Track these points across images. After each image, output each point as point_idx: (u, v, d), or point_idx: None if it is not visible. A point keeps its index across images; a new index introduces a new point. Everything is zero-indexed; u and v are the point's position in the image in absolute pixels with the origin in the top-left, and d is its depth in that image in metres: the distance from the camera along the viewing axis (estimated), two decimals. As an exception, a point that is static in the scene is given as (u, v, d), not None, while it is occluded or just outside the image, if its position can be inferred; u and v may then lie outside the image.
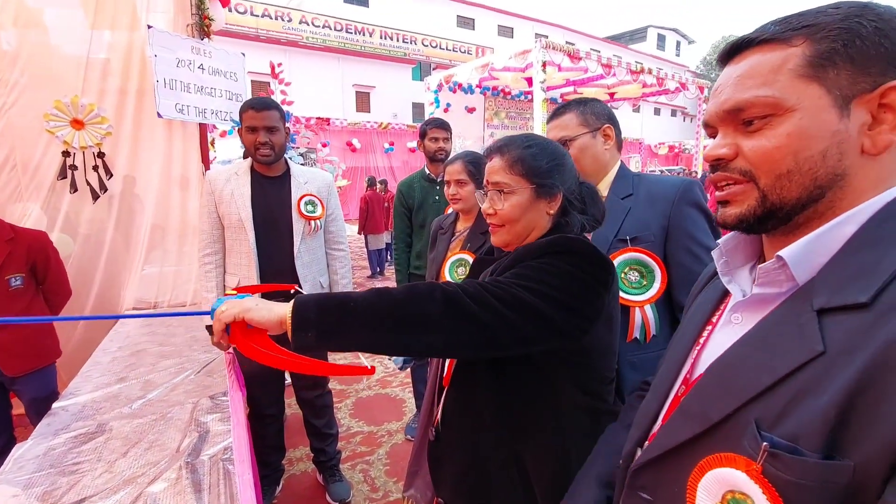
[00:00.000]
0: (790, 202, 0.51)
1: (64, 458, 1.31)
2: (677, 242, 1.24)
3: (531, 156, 0.92)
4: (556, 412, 0.89)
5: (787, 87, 0.49)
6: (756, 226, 0.54)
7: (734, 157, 0.54)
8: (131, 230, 2.82)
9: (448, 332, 0.72)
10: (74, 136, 2.50)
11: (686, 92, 14.56)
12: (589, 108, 1.33)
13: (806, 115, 0.49)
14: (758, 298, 0.54)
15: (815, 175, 0.49)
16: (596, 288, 0.81)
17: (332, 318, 0.71)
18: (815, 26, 0.49)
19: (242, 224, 1.85)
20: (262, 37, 16.74)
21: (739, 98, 0.52)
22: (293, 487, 2.23)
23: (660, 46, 34.89)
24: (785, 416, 0.44)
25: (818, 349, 0.44)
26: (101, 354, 2.11)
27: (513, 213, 0.91)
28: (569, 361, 0.87)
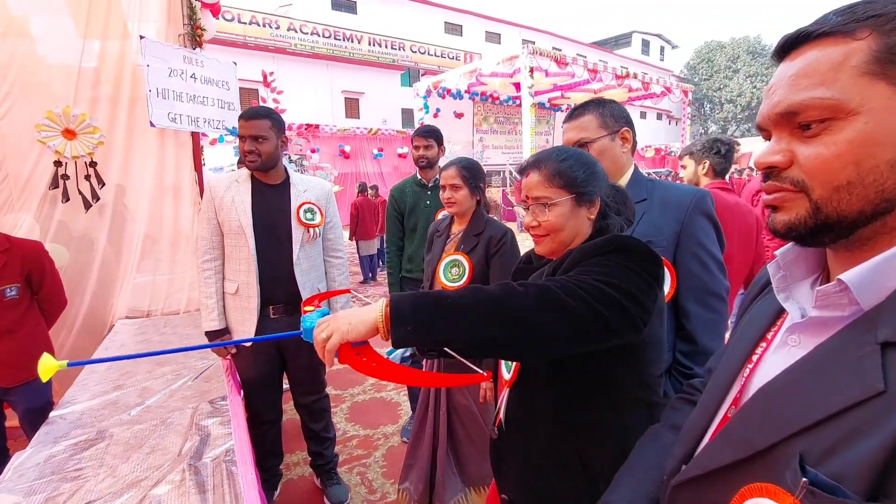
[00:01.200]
0: (850, 216, 0.45)
1: (65, 464, 1.33)
2: (687, 249, 1.27)
3: (568, 168, 0.97)
4: (616, 407, 0.92)
5: (849, 87, 0.43)
6: (808, 238, 0.49)
7: (788, 165, 0.48)
8: (123, 239, 2.82)
9: (544, 323, 0.73)
10: (66, 145, 2.51)
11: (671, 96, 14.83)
12: (608, 110, 1.32)
13: (872, 118, 0.43)
14: (817, 321, 0.50)
15: (881, 187, 0.43)
16: (651, 282, 0.85)
17: (427, 313, 0.72)
18: (883, 16, 0.43)
19: (242, 230, 1.87)
20: (251, 44, 16.71)
21: (794, 100, 0.47)
22: (291, 492, 2.24)
23: (644, 51, 35.43)
24: (832, 454, 0.41)
25: (878, 388, 0.40)
26: (97, 364, 2.11)
27: (558, 222, 0.96)
28: (628, 355, 0.90)
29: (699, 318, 1.28)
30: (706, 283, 1.28)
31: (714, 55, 34.58)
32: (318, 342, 0.75)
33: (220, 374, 1.94)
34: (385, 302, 0.74)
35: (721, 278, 1.31)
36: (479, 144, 17.63)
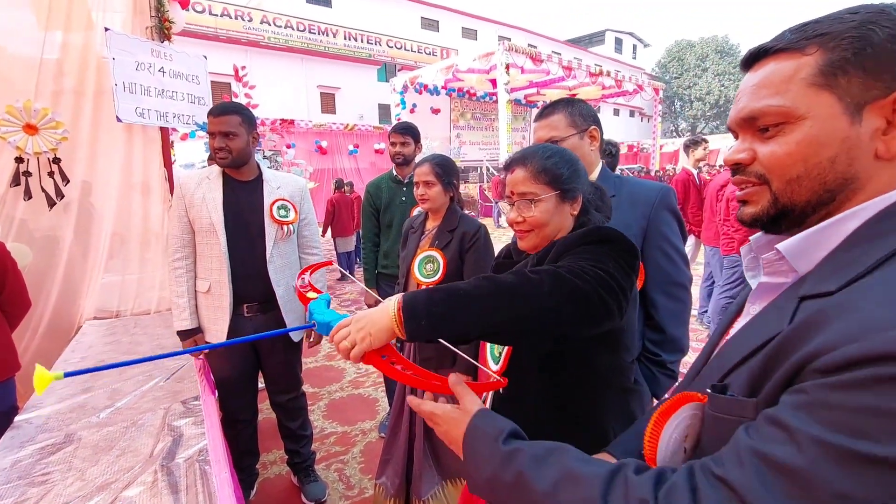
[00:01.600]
0: (800, 204, 0.54)
1: (32, 469, 1.30)
2: (654, 243, 1.34)
3: (553, 165, 1.00)
4: (597, 392, 0.97)
5: (798, 97, 0.52)
6: (770, 225, 0.58)
7: (751, 162, 0.57)
8: (90, 237, 2.74)
9: (559, 308, 0.75)
10: (28, 141, 2.42)
11: (643, 93, 15.15)
12: (577, 109, 1.37)
13: (816, 123, 0.51)
14: (765, 288, 0.59)
15: (823, 179, 0.52)
16: (629, 271, 0.88)
17: (441, 305, 0.73)
18: (827, 35, 0.51)
19: (214, 228, 1.84)
20: (222, 37, 16.28)
21: (754, 107, 0.55)
22: (267, 491, 2.23)
23: (617, 49, 35.99)
24: None
25: (784, 326, 0.50)
26: (63, 365, 2.06)
27: (542, 217, 0.99)
28: (610, 341, 0.95)
29: (665, 308, 1.35)
30: (671, 274, 1.35)
31: (684, 54, 35.41)
32: (341, 351, 0.76)
33: (193, 374, 1.92)
34: (397, 302, 0.74)
35: (684, 269, 1.38)
36: (457, 140, 17.67)
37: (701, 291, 4.43)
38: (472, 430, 0.70)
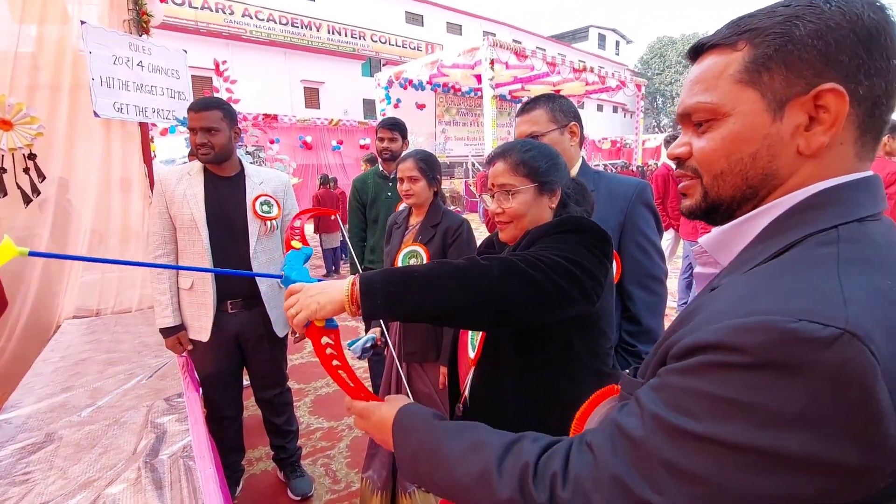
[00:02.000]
0: (726, 199, 0.55)
1: (13, 468, 1.29)
2: (630, 238, 1.37)
3: (531, 158, 1.03)
4: (572, 376, 0.99)
5: (725, 93, 0.52)
6: (704, 217, 0.59)
7: (689, 157, 0.58)
8: (68, 235, 2.69)
9: (508, 292, 0.78)
10: (2, 137, 2.36)
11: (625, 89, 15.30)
12: (557, 105, 1.39)
13: (739, 119, 0.51)
14: (702, 277, 0.64)
15: (745, 175, 0.53)
16: (602, 258, 0.92)
17: (397, 285, 0.76)
18: (756, 30, 0.50)
19: (195, 224, 1.83)
20: (203, 30, 15.97)
21: (688, 103, 0.56)
22: (254, 486, 2.23)
23: (601, 45, 36.26)
24: None
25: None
26: (42, 365, 2.03)
27: (520, 209, 1.02)
28: (583, 327, 0.98)
29: (641, 301, 1.39)
30: (647, 268, 1.39)
31: (666, 51, 35.86)
32: (287, 315, 0.78)
33: (176, 371, 1.91)
34: (352, 279, 0.77)
35: (660, 263, 1.42)
36: (442, 136, 17.65)
37: (679, 284, 4.53)
38: (404, 410, 0.74)
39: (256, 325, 1.98)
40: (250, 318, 1.97)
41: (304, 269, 0.92)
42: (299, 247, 0.97)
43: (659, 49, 36.36)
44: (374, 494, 1.79)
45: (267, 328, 2.00)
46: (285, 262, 0.94)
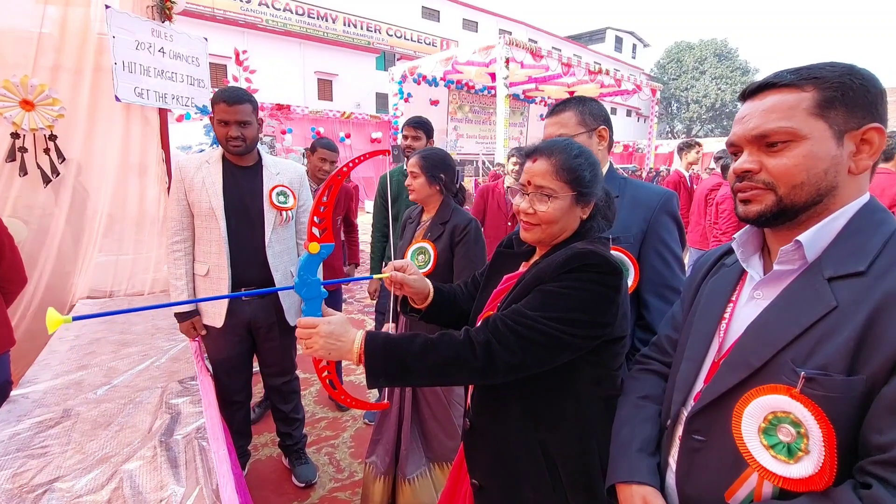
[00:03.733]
0: (799, 205, 0.68)
1: (31, 441, 1.32)
2: (651, 246, 1.35)
3: (578, 166, 0.97)
4: (575, 403, 0.98)
5: (802, 122, 0.67)
6: (770, 221, 0.71)
7: (759, 171, 0.71)
8: (84, 216, 2.72)
9: (488, 377, 0.91)
10: (24, 117, 2.40)
11: (640, 93, 15.20)
12: (587, 108, 1.37)
13: (815, 143, 0.66)
14: (775, 276, 0.72)
15: (818, 186, 0.67)
16: (610, 295, 0.92)
17: (395, 372, 0.90)
18: (820, 78, 0.67)
19: (213, 212, 1.86)
20: (220, 18, 16.03)
21: (766, 127, 0.69)
22: (259, 471, 2.27)
23: (617, 48, 36.00)
24: (813, 354, 0.62)
25: (832, 304, 0.63)
26: (58, 343, 2.07)
27: (554, 216, 0.98)
28: (591, 355, 0.96)
29: (657, 310, 1.37)
30: (666, 278, 1.37)
31: (683, 56, 35.49)
32: (300, 341, 0.92)
33: (189, 355, 1.94)
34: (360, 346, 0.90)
35: (679, 274, 1.40)
36: (454, 133, 17.62)
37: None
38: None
39: (269, 313, 2.00)
40: (263, 306, 1.99)
41: (316, 281, 0.95)
42: (317, 249, 0.96)
43: (676, 54, 35.99)
44: (376, 479, 1.82)
45: (279, 316, 2.02)
46: (299, 268, 0.95)
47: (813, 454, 0.59)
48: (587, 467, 0.96)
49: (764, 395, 0.64)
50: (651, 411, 0.90)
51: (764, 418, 0.63)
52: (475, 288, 1.23)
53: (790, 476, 0.60)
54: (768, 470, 0.62)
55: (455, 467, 1.30)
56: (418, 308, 1.18)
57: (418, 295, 1.15)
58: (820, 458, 0.59)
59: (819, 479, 0.59)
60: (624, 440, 0.88)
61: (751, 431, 0.64)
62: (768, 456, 0.62)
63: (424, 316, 1.19)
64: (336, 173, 1.00)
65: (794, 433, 0.61)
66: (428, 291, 1.16)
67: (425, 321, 1.21)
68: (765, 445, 0.63)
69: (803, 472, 0.60)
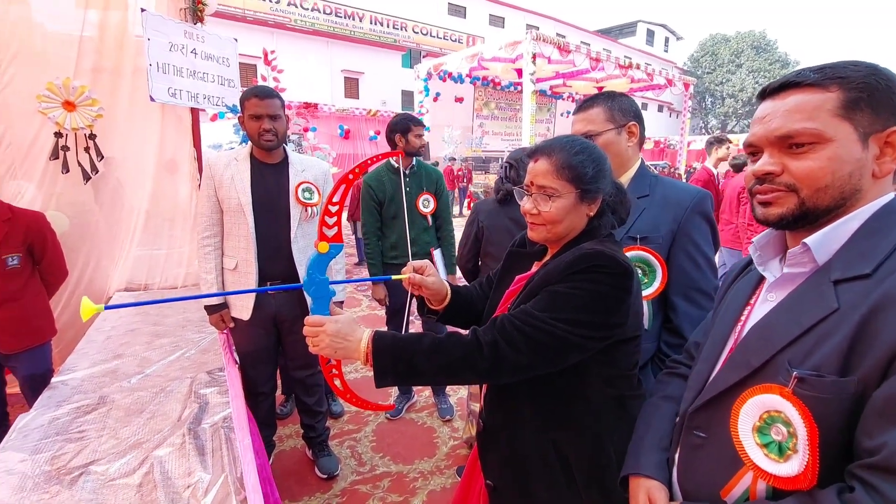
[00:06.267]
0: (822, 208, 0.66)
1: (69, 426, 1.39)
2: (681, 247, 1.31)
3: (580, 163, 0.96)
4: (587, 403, 0.97)
5: (826, 123, 0.64)
6: (791, 224, 0.69)
7: (781, 173, 0.68)
8: (122, 212, 2.84)
9: (495, 377, 0.92)
10: (66, 117, 2.51)
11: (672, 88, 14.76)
12: (617, 104, 1.33)
13: (840, 145, 0.64)
14: (786, 278, 0.71)
15: (842, 189, 0.65)
16: (619, 296, 0.90)
17: (403, 372, 0.90)
18: (845, 78, 0.64)
19: (242, 208, 1.91)
20: (250, 18, 16.41)
21: (791, 128, 0.66)
22: (283, 462, 2.32)
23: (649, 42, 35.10)
24: (811, 356, 0.61)
25: (834, 306, 0.61)
26: (95, 333, 2.16)
27: (558, 215, 0.97)
28: (601, 355, 0.95)
29: (686, 314, 1.32)
30: (696, 280, 1.32)
31: (718, 48, 34.32)
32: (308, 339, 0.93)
33: (217, 346, 2.00)
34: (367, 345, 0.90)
35: (711, 277, 1.34)
36: (479, 130, 17.53)
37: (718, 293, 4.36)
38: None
39: (293, 307, 2.05)
40: (288, 300, 2.04)
41: (325, 280, 0.98)
42: (326, 249, 0.98)
43: (711, 47, 34.80)
44: None
45: (303, 310, 2.06)
46: (308, 267, 0.97)
47: (799, 453, 0.59)
48: (601, 467, 0.95)
49: (759, 394, 0.64)
50: (668, 409, 0.90)
51: (759, 417, 0.64)
52: (489, 288, 1.23)
53: (779, 474, 0.61)
54: (760, 468, 0.62)
55: (469, 466, 1.30)
56: (435, 309, 1.18)
57: (435, 296, 1.15)
58: (805, 457, 0.58)
59: (803, 478, 0.59)
60: (638, 435, 0.90)
61: (746, 430, 0.65)
62: (761, 454, 0.63)
63: (442, 317, 1.19)
64: (348, 173, 1.01)
65: (784, 432, 0.61)
66: (445, 293, 1.16)
67: (443, 322, 1.21)
68: (758, 444, 0.63)
69: (790, 471, 0.60)
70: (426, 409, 2.86)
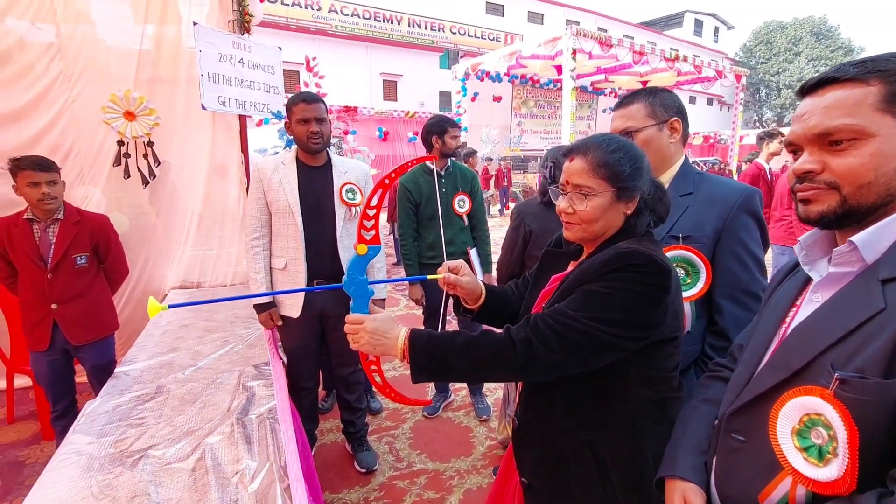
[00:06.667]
0: (866, 206, 0.63)
1: (130, 413, 1.50)
2: (727, 247, 1.25)
3: (616, 161, 0.95)
4: (625, 405, 0.96)
5: (868, 118, 0.61)
6: (835, 222, 0.66)
7: (821, 171, 0.66)
8: (176, 215, 3.03)
9: (528, 374, 0.92)
10: (127, 126, 2.70)
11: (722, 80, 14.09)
12: (658, 100, 1.30)
13: (884, 140, 0.61)
14: (833, 277, 0.67)
15: (888, 185, 0.62)
16: (656, 296, 0.89)
17: (437, 369, 0.93)
18: (886, 71, 0.62)
19: (290, 210, 1.99)
20: (293, 26, 17.00)
21: (829, 125, 0.64)
22: (325, 454, 2.40)
23: (697, 32, 33.64)
24: (855, 357, 0.58)
25: (880, 306, 0.58)
26: (154, 328, 2.31)
27: (594, 214, 0.96)
28: (638, 356, 0.93)
29: (732, 316, 1.26)
30: (743, 281, 1.26)
31: (774, 36, 32.45)
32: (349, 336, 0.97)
33: (263, 342, 2.09)
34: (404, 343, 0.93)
35: (759, 278, 1.28)
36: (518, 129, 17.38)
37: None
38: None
39: (338, 305, 2.12)
40: (333, 298, 2.11)
41: (363, 281, 1.03)
42: (364, 250, 1.03)
43: (765, 35, 32.94)
44: None
45: (347, 309, 2.12)
46: (348, 267, 1.02)
47: (839, 457, 0.57)
48: (639, 469, 0.94)
49: (799, 396, 0.61)
50: (707, 412, 0.87)
51: (799, 420, 0.61)
52: (525, 288, 1.22)
53: (818, 479, 0.58)
54: (799, 472, 0.60)
55: (504, 463, 1.30)
56: (471, 308, 1.19)
57: (470, 295, 1.16)
58: (844, 461, 0.56)
59: (842, 482, 0.56)
60: (676, 437, 0.88)
61: (785, 433, 0.62)
62: (801, 458, 0.60)
63: (477, 317, 1.20)
64: (385, 178, 1.05)
65: (825, 436, 0.58)
66: (480, 292, 1.17)
67: (478, 322, 1.22)
68: (798, 448, 0.61)
69: (829, 476, 0.57)
70: (463, 409, 2.87)
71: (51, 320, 2.06)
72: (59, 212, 2.07)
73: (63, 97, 2.68)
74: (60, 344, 2.10)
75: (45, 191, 1.97)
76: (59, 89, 2.67)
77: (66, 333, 2.09)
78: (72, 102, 2.68)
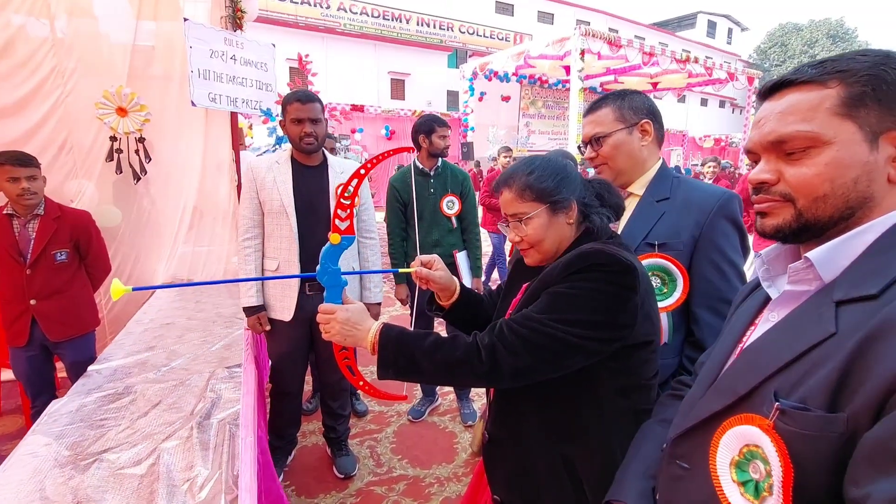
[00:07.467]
0: (823, 220, 0.58)
1: (94, 414, 1.47)
2: (704, 254, 1.21)
3: (536, 180, 0.98)
4: (600, 417, 0.93)
5: (824, 124, 0.56)
6: (791, 237, 0.62)
7: (776, 182, 0.61)
8: (168, 211, 3.02)
9: (493, 381, 0.91)
10: (119, 122, 2.70)
11: (735, 83, 13.88)
12: (626, 102, 1.27)
13: (841, 148, 0.56)
14: (789, 296, 0.63)
15: (847, 198, 0.57)
16: (623, 294, 0.87)
17: (405, 366, 0.92)
18: (847, 71, 0.56)
19: (284, 210, 1.95)
20: (301, 24, 17.04)
21: (783, 132, 0.59)
22: (304, 458, 2.37)
23: (710, 34, 33.23)
24: (799, 385, 0.53)
25: (831, 330, 0.53)
26: (135, 325, 2.29)
27: (538, 234, 0.98)
28: (614, 357, 0.91)
29: (709, 326, 1.21)
30: (721, 290, 1.21)
31: (789, 38, 31.99)
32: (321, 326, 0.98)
33: (241, 343, 2.06)
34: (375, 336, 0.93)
35: (738, 286, 1.21)
36: (525, 129, 17.28)
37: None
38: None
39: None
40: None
41: (336, 270, 1.02)
42: (338, 240, 1.03)
43: (780, 37, 32.46)
44: None
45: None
46: (321, 257, 1.01)
47: (774, 496, 0.51)
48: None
49: (739, 424, 0.56)
50: (661, 433, 0.82)
51: (738, 451, 0.56)
52: (499, 297, 1.21)
53: None
54: None
55: (475, 478, 1.26)
56: (442, 305, 1.19)
57: (444, 291, 1.16)
58: (778, 500, 0.51)
59: None
60: (627, 460, 0.84)
61: (724, 464, 0.57)
62: (738, 493, 0.55)
63: (448, 314, 1.19)
64: (360, 167, 1.05)
65: (763, 471, 0.53)
66: (454, 289, 1.17)
67: (449, 320, 1.22)
68: (735, 481, 0.56)
69: None
70: (449, 413, 2.83)
71: (29, 316, 2.05)
72: (40, 207, 2.06)
73: (57, 92, 2.67)
74: (39, 340, 2.09)
75: (24, 186, 1.96)
76: (54, 84, 2.66)
77: (45, 329, 2.08)
78: (65, 97, 2.68)
